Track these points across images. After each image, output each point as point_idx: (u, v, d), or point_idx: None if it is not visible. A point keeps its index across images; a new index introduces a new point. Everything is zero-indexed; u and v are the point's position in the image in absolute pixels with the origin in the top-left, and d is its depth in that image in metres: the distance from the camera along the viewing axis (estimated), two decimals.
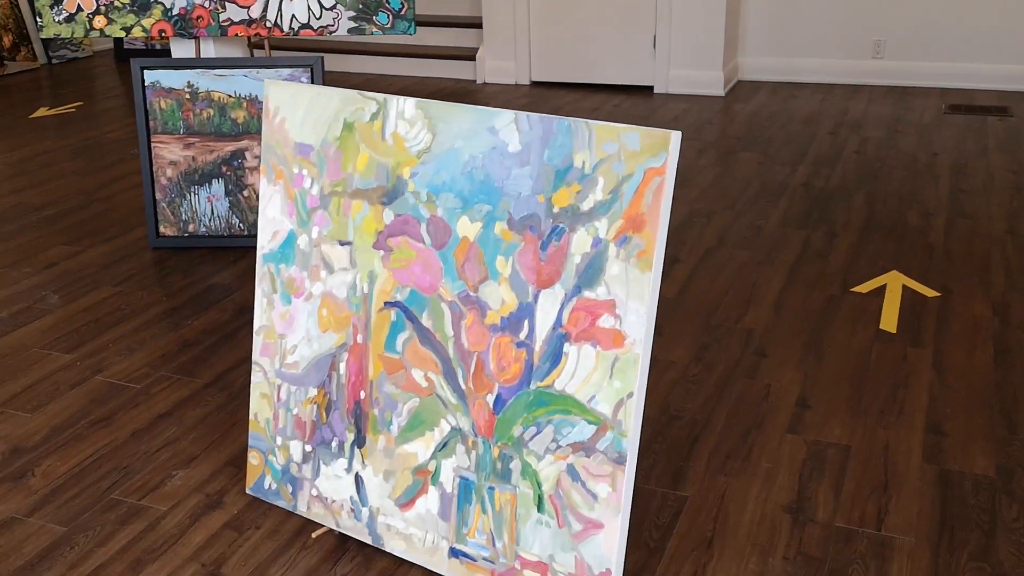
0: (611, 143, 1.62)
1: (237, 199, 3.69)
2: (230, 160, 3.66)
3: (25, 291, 3.32)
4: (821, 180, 4.28)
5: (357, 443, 1.99)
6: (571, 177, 1.67)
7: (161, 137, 3.65)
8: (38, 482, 2.25)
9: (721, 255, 3.49)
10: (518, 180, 1.73)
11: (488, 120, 1.76)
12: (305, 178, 2.02)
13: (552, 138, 1.69)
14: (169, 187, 3.67)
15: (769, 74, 6.17)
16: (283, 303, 2.08)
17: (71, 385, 2.69)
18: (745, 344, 2.84)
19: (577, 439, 1.69)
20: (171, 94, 3.62)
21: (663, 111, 5.56)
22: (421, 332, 1.88)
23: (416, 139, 1.85)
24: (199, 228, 3.70)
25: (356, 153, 1.94)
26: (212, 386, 2.69)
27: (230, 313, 3.14)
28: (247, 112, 3.63)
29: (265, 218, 2.09)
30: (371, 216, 1.93)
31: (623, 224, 1.61)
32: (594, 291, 1.65)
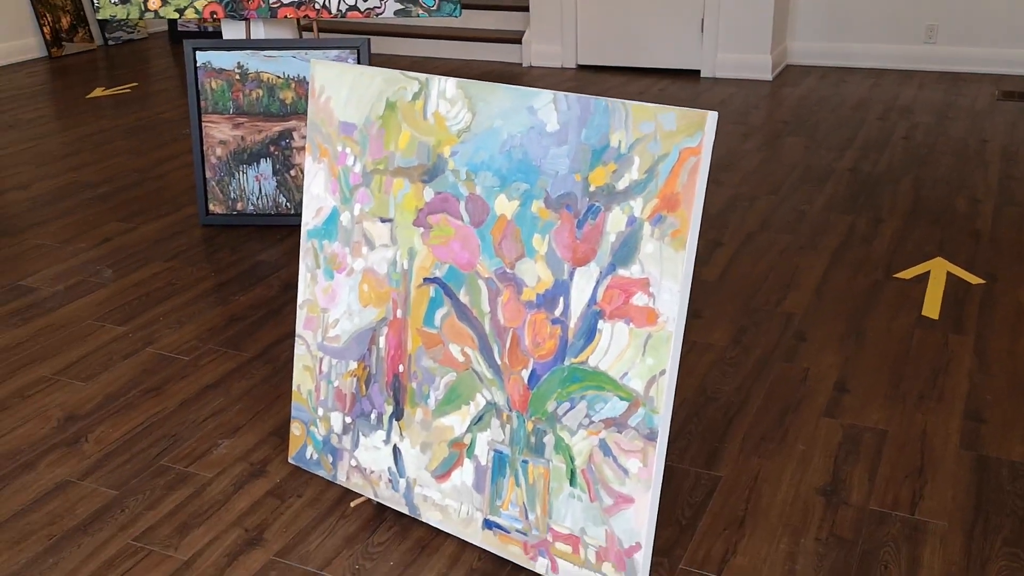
0: (647, 123, 1.64)
1: (284, 178, 3.76)
2: (278, 140, 3.73)
3: (80, 265, 3.43)
4: (868, 165, 4.23)
5: (395, 415, 2.04)
6: (607, 156, 1.69)
7: (212, 117, 3.73)
8: (91, 447, 2.34)
9: (763, 239, 3.48)
10: (555, 159, 1.76)
11: (527, 100, 1.79)
12: (348, 156, 2.06)
13: (590, 118, 1.71)
14: (219, 166, 3.76)
15: (819, 59, 6.09)
16: (326, 278, 2.13)
17: (123, 356, 2.79)
18: (784, 328, 2.84)
19: (609, 415, 1.71)
20: (222, 75, 3.69)
21: (709, 95, 5.53)
22: (459, 308, 1.91)
23: (456, 118, 1.89)
24: (247, 206, 3.78)
25: (398, 132, 1.98)
26: (257, 359, 2.76)
27: (276, 289, 3.22)
28: (295, 93, 3.69)
29: (309, 195, 2.14)
30: (412, 194, 1.97)
31: (658, 203, 1.63)
32: (628, 269, 1.67)
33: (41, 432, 2.41)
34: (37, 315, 3.05)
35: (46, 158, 4.66)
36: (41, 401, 2.55)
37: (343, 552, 1.97)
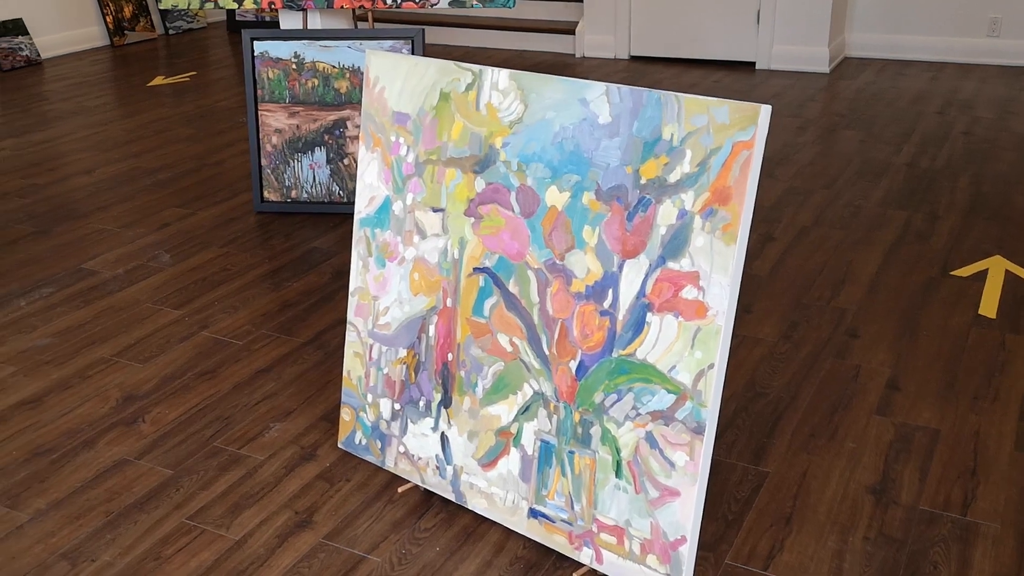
0: (700, 116, 1.63)
1: (338, 167, 3.80)
2: (332, 129, 3.78)
3: (140, 250, 3.52)
4: (926, 160, 4.15)
5: (444, 403, 2.06)
6: (659, 149, 1.69)
7: (268, 106, 3.79)
8: (148, 428, 2.41)
9: (817, 234, 3.44)
10: (607, 151, 1.76)
11: (579, 92, 1.79)
12: (401, 146, 2.09)
13: (642, 110, 1.71)
14: (274, 154, 3.82)
15: (877, 51, 5.98)
16: (377, 266, 2.16)
17: (180, 339, 2.85)
18: (837, 324, 2.80)
19: (657, 408, 1.72)
20: (278, 64, 3.75)
21: (764, 87, 5.46)
22: (508, 298, 1.93)
23: (509, 109, 1.90)
24: (301, 194, 3.84)
25: (451, 122, 1.99)
26: (309, 344, 2.81)
27: (328, 276, 3.26)
28: (350, 83, 3.74)
29: (363, 183, 2.17)
30: (463, 184, 1.98)
31: (709, 197, 1.63)
32: (678, 262, 1.67)
33: (100, 411, 2.48)
34: (98, 297, 3.13)
35: (109, 144, 4.78)
36: (101, 381, 2.63)
37: (390, 537, 2.00)
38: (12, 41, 6.34)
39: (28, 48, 6.43)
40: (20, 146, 4.77)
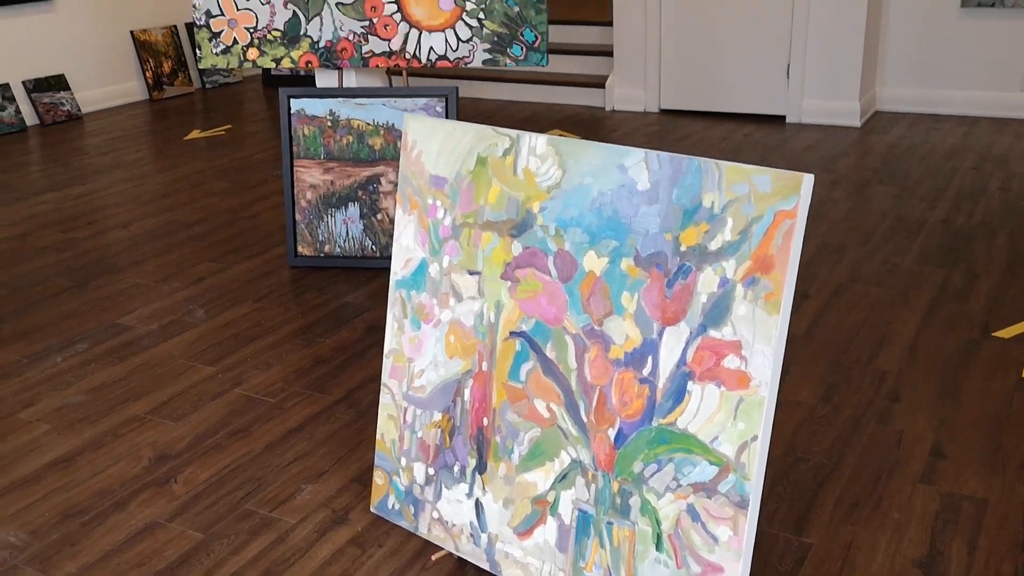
0: (741, 184, 1.62)
1: (371, 222, 3.82)
2: (366, 185, 3.81)
3: (174, 304, 3.54)
4: (962, 217, 4.11)
5: (479, 469, 2.03)
6: (700, 216, 1.68)
7: (303, 162, 3.83)
8: (180, 488, 2.40)
9: (853, 292, 3.40)
10: (646, 218, 1.75)
11: (618, 158, 1.79)
12: (438, 209, 2.09)
13: (681, 177, 1.70)
14: (308, 209, 3.85)
15: (909, 105, 5.96)
16: (413, 328, 2.15)
17: (213, 396, 2.85)
18: (877, 386, 2.75)
19: (699, 479, 1.68)
20: (314, 121, 3.79)
21: (795, 141, 5.45)
22: (545, 363, 1.91)
23: (546, 175, 1.90)
24: (334, 249, 3.86)
25: (488, 186, 1.99)
26: (341, 403, 2.79)
27: (360, 332, 3.26)
28: (384, 139, 3.77)
29: (399, 245, 2.17)
30: (500, 247, 1.98)
31: (751, 265, 1.61)
32: (720, 331, 1.65)
33: (133, 471, 2.48)
34: (132, 353, 3.15)
35: (146, 198, 4.85)
36: (134, 440, 2.62)
37: None
38: (55, 96, 6.49)
39: (69, 103, 6.57)
40: (60, 200, 4.85)
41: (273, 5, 3.72)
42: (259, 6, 3.73)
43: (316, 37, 3.73)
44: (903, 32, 5.84)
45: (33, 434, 2.67)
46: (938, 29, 5.74)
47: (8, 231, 4.41)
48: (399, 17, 3.69)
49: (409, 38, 3.70)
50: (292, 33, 3.74)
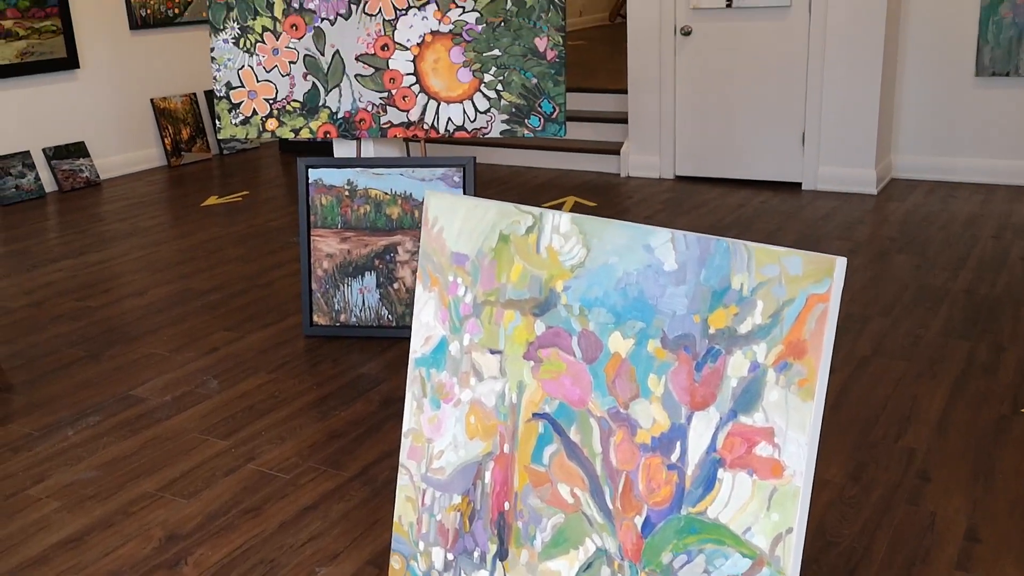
0: (771, 266, 1.58)
1: (387, 291, 3.80)
2: (383, 254, 3.79)
3: (188, 375, 3.50)
4: (985, 287, 4.06)
5: (499, 555, 1.96)
6: (728, 299, 1.64)
7: (320, 231, 3.82)
8: (190, 571, 2.33)
9: (877, 365, 3.33)
10: (673, 299, 1.71)
11: (644, 237, 1.76)
12: (459, 286, 2.06)
13: (709, 258, 1.66)
14: (324, 278, 3.83)
15: (925, 173, 5.95)
16: (432, 408, 2.10)
17: (225, 472, 2.80)
18: (907, 465, 2.68)
19: (731, 572, 1.61)
20: (331, 191, 3.80)
21: (811, 209, 5.44)
22: (568, 446, 1.86)
23: (570, 253, 1.87)
24: (350, 318, 3.83)
25: (510, 264, 1.96)
26: (356, 479, 2.73)
27: (376, 404, 3.21)
28: (401, 209, 3.77)
29: (419, 323, 2.14)
30: (522, 326, 1.94)
31: (783, 350, 1.56)
32: (751, 417, 1.60)
33: (143, 552, 2.41)
34: (145, 426, 3.10)
35: (161, 265, 4.85)
36: (144, 518, 2.57)
37: None
38: (74, 163, 6.56)
39: (88, 170, 6.64)
40: (76, 267, 4.85)
41: (293, 77, 3.76)
42: (279, 78, 3.76)
43: (335, 108, 3.76)
44: (918, 100, 5.86)
45: (42, 511, 2.62)
46: (953, 98, 5.75)
47: (24, 299, 4.41)
48: (417, 88, 3.71)
49: (427, 109, 3.72)
50: (311, 104, 3.77)
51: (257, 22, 3.74)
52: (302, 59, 3.74)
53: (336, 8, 3.71)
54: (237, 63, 3.77)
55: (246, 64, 3.77)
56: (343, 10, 3.70)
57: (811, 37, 5.63)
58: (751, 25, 5.80)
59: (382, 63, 3.72)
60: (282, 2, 3.72)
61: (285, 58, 3.75)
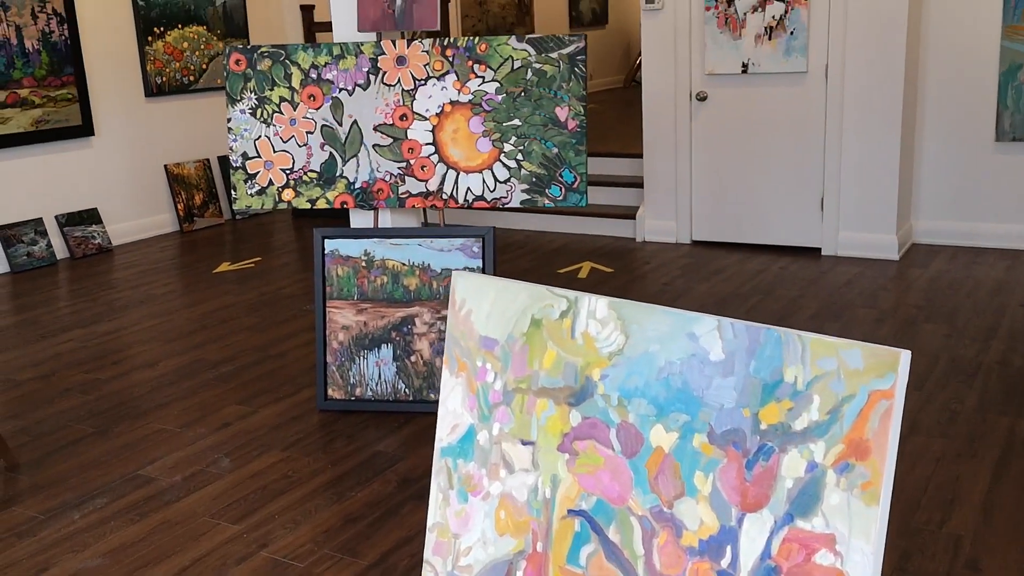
0: (828, 359, 1.48)
1: (404, 364, 3.70)
2: (400, 326, 3.70)
3: (199, 453, 3.39)
4: (1019, 358, 3.94)
5: None
6: (781, 392, 1.54)
7: (336, 303, 3.74)
8: None
9: (915, 444, 3.21)
10: (720, 391, 1.61)
11: (687, 325, 1.66)
12: (489, 372, 1.96)
13: (759, 349, 1.57)
14: (340, 351, 3.74)
15: (946, 238, 5.87)
16: (459, 501, 1.99)
17: (237, 560, 2.67)
18: (954, 554, 2.54)
19: None
20: (348, 262, 3.73)
21: (833, 275, 5.35)
22: (607, 546, 1.74)
23: (608, 340, 1.77)
24: (366, 392, 3.73)
25: (543, 350, 1.87)
26: (375, 568, 2.60)
27: (393, 485, 3.09)
28: (419, 280, 3.69)
29: (445, 409, 2.04)
30: (556, 416, 1.84)
31: (844, 450, 1.45)
32: (809, 522, 1.48)
33: None
34: (154, 509, 2.99)
35: (173, 334, 4.77)
36: None
37: None
38: (86, 230, 6.53)
39: (100, 236, 6.61)
40: (86, 337, 4.78)
41: (310, 147, 3.72)
42: (296, 148, 3.72)
43: (352, 178, 3.71)
44: (937, 165, 5.80)
45: None
46: (973, 163, 5.70)
47: (32, 371, 4.32)
48: (436, 158, 3.66)
49: (446, 179, 3.66)
50: (328, 174, 3.72)
51: (275, 92, 3.71)
52: (319, 129, 3.70)
53: (354, 78, 3.68)
54: (254, 133, 3.73)
55: (263, 134, 3.73)
56: (361, 80, 3.67)
57: (828, 102, 5.60)
58: (767, 91, 5.78)
59: (400, 133, 3.67)
60: (300, 72, 3.69)
61: (302, 128, 3.71)
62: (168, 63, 7.06)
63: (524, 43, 3.56)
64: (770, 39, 5.64)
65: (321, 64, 3.69)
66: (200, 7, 7.20)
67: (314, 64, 3.69)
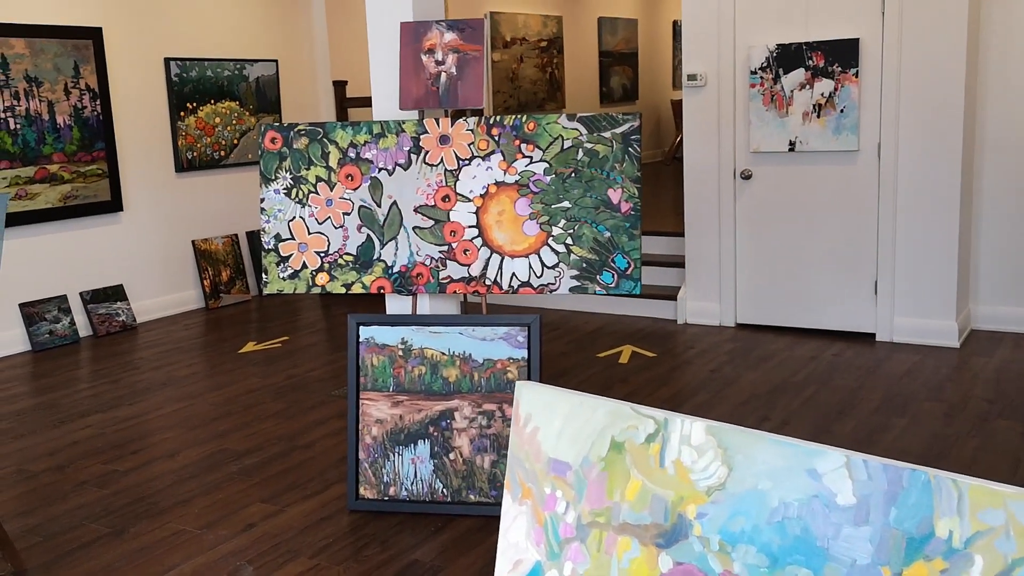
0: (994, 512, 1.22)
1: (442, 462, 3.44)
2: (438, 420, 3.45)
3: (221, 559, 3.12)
4: None
5: None
6: (932, 550, 1.26)
7: (370, 394, 3.50)
8: None
9: None
10: (852, 543, 1.34)
11: (806, 460, 1.40)
12: (559, 501, 1.70)
13: (902, 494, 1.30)
14: (373, 446, 3.48)
15: (1008, 324, 5.57)
16: None
17: None
18: None
19: None
20: (384, 350, 3.49)
21: (891, 364, 5.05)
22: None
23: (706, 471, 1.51)
24: (400, 491, 3.46)
25: (626, 479, 1.61)
26: None
27: None
28: (459, 370, 3.45)
29: (506, 542, 1.77)
30: (642, 559, 1.56)
31: None
32: None
33: None
34: None
35: (196, 421, 4.53)
36: None
37: None
38: (111, 307, 6.36)
39: (125, 313, 6.44)
40: (105, 423, 4.55)
41: (347, 229, 3.52)
42: (332, 230, 3.52)
43: (390, 261, 3.50)
44: (997, 247, 5.54)
45: None
46: None
47: (47, 461, 4.09)
48: (480, 242, 3.45)
49: (490, 263, 3.45)
50: (365, 257, 3.51)
51: (311, 172, 3.53)
52: (357, 210, 3.51)
53: (395, 158, 3.49)
54: (288, 214, 3.54)
55: (297, 215, 3.54)
56: (402, 160, 3.49)
57: (882, 181, 5.38)
58: (816, 169, 5.57)
59: (442, 215, 3.47)
60: (338, 151, 3.52)
61: (339, 209, 3.52)
62: (199, 138, 6.98)
63: (575, 122, 3.37)
64: (819, 117, 5.45)
65: (360, 143, 3.51)
66: (233, 83, 7.15)
67: (353, 143, 3.52)
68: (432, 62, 3.54)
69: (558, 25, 11.11)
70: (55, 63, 5.96)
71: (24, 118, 5.82)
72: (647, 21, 13.36)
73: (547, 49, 10.92)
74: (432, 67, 3.54)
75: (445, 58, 3.53)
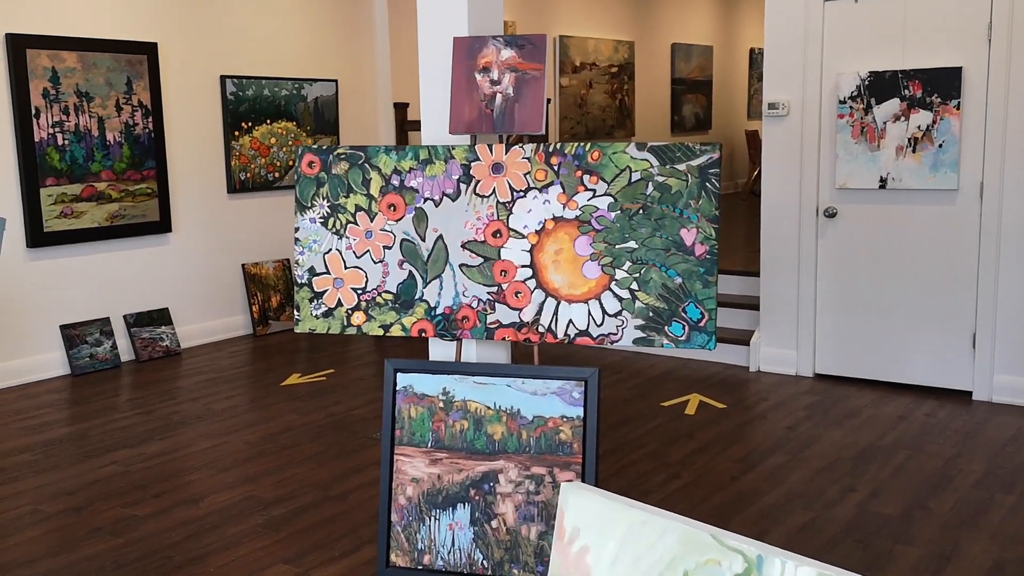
0: None
1: (484, 530, 3.05)
2: (480, 483, 3.07)
3: None
4: None
5: None
6: None
7: (406, 449, 3.14)
8: None
9: None
10: None
11: None
12: None
13: None
14: (407, 508, 3.11)
15: None
16: None
17: None
18: None
19: None
20: (423, 401, 3.13)
21: (992, 427, 4.52)
22: None
23: None
24: (435, 560, 3.08)
25: None
26: None
27: None
28: (506, 427, 3.06)
29: None
30: None
31: None
32: None
33: None
34: None
35: (227, 462, 4.22)
36: None
37: None
38: (155, 331, 6.14)
39: (169, 338, 6.21)
40: (132, 460, 4.27)
41: (387, 264, 3.18)
42: (371, 265, 3.19)
43: (434, 302, 3.14)
44: None
45: None
46: None
47: (64, 502, 3.81)
48: (533, 284, 3.07)
49: (544, 308, 3.07)
50: (406, 297, 3.17)
51: (350, 200, 3.20)
52: (399, 244, 3.17)
53: (443, 187, 3.15)
54: (324, 246, 3.22)
55: (333, 248, 3.21)
56: (450, 190, 3.14)
57: (983, 224, 4.86)
58: (910, 209, 5.07)
59: (493, 252, 3.11)
60: (380, 178, 3.18)
61: (379, 242, 3.18)
62: (253, 159, 6.76)
63: (646, 152, 2.98)
64: (914, 152, 4.96)
65: (405, 169, 3.18)
66: (290, 102, 6.93)
67: (397, 169, 3.18)
68: (487, 82, 3.19)
69: (630, 51, 10.74)
70: (107, 78, 5.79)
71: (73, 134, 5.65)
72: (723, 48, 12.92)
73: (618, 75, 10.55)
74: (487, 87, 3.19)
75: (501, 77, 3.18)
